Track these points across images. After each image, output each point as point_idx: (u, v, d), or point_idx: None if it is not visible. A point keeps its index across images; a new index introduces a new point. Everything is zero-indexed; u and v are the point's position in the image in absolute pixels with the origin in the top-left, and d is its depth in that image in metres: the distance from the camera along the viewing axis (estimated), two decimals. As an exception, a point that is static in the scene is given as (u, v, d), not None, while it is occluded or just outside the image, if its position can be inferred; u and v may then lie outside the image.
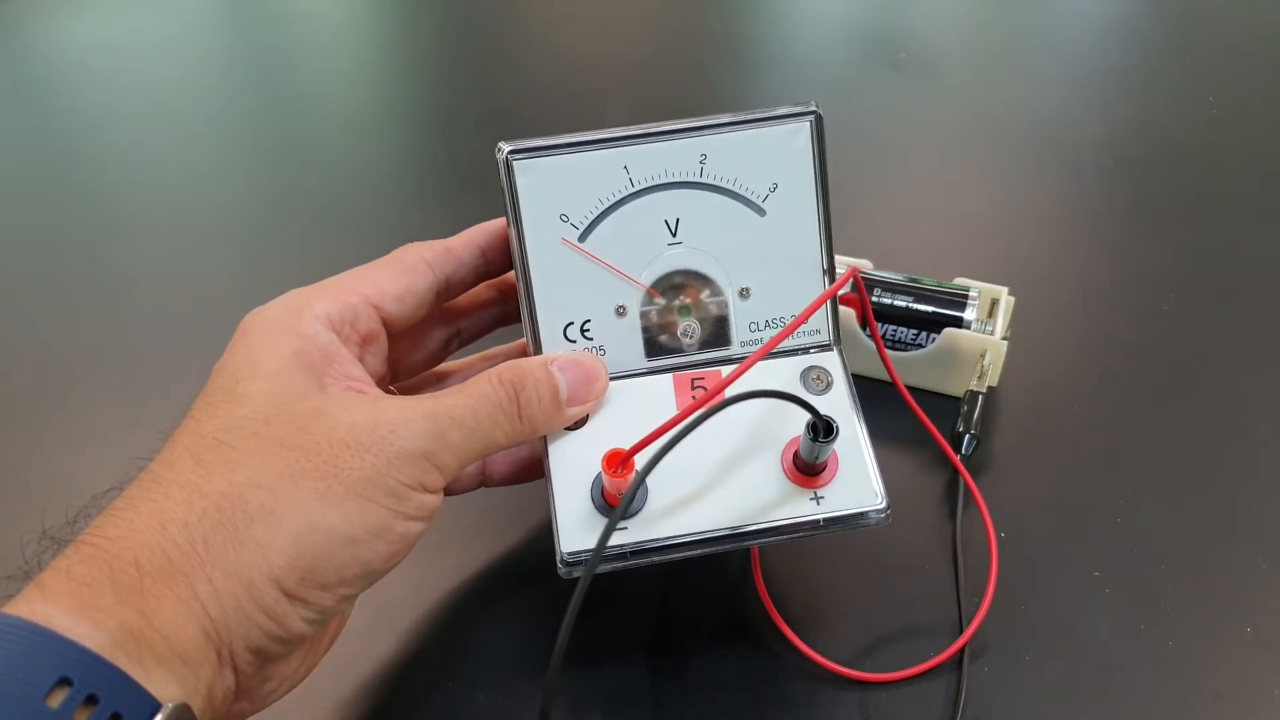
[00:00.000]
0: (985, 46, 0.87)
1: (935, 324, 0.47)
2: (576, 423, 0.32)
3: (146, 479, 0.27)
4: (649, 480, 0.31)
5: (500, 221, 0.34)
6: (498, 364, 0.32)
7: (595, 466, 0.31)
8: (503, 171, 0.32)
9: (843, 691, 0.36)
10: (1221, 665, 0.37)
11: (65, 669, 0.21)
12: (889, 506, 0.32)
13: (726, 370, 0.34)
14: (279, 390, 0.28)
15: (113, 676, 0.22)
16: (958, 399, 0.45)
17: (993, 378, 0.47)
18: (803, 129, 0.34)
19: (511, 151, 0.32)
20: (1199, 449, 0.45)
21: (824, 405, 0.33)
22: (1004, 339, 0.46)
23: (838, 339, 0.36)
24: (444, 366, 0.38)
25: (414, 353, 0.36)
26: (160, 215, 0.62)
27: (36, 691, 0.21)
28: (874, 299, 0.47)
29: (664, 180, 0.33)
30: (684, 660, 0.37)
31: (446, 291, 0.34)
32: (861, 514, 0.32)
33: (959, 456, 0.43)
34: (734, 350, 0.35)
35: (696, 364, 0.34)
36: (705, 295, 0.35)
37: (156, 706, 0.22)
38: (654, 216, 0.34)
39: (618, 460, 0.30)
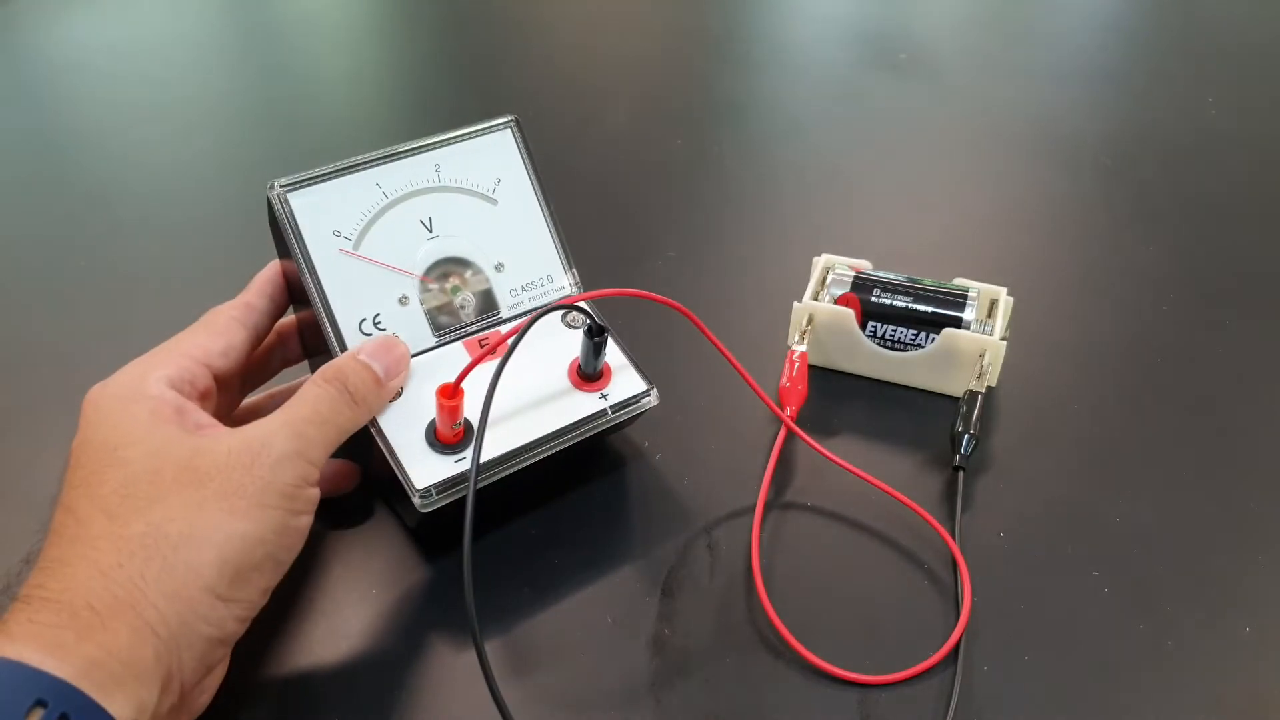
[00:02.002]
0: (985, 47, 0.87)
1: (934, 324, 0.47)
2: (395, 397, 0.38)
3: (65, 539, 0.30)
4: (472, 416, 0.37)
5: (272, 265, 0.40)
6: (281, 399, 0.37)
7: (422, 422, 0.37)
8: (278, 205, 0.37)
9: (842, 693, 0.36)
10: (1221, 665, 0.37)
11: (39, 693, 0.25)
12: (653, 388, 0.41)
13: (504, 329, 0.41)
14: (154, 446, 0.32)
15: (80, 700, 0.26)
16: (957, 399, 0.45)
17: (991, 378, 0.47)
18: (507, 133, 0.42)
19: (284, 185, 0.38)
20: (1198, 448, 0.45)
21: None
22: (1003, 339, 0.46)
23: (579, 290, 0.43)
24: (240, 410, 0.41)
25: (228, 400, 0.40)
26: (161, 215, 0.63)
27: (18, 711, 0.25)
28: (873, 299, 0.47)
29: (411, 189, 0.40)
30: (683, 661, 0.37)
31: (255, 341, 0.39)
32: (636, 397, 0.40)
33: (958, 456, 0.43)
34: (504, 313, 0.41)
35: (476, 330, 0.40)
36: (469, 274, 0.41)
37: None
38: (410, 219, 0.40)
39: (449, 389, 0.36)
